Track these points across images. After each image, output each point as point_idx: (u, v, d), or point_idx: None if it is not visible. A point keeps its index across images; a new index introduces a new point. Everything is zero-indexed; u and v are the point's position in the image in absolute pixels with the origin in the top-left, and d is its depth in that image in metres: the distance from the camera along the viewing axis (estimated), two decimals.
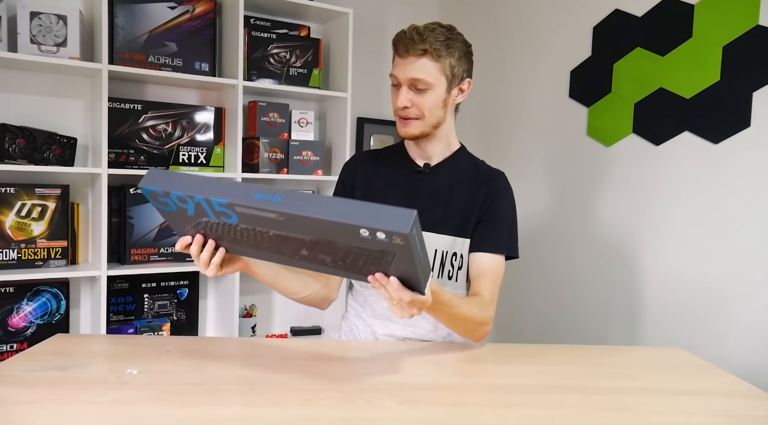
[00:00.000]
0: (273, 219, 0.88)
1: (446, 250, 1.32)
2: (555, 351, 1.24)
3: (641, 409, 0.92)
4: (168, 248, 2.22)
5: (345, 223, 0.82)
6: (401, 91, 1.26)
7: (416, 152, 1.39)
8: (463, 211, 1.33)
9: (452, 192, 1.34)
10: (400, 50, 1.25)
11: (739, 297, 1.72)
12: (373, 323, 1.36)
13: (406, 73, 1.24)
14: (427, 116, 1.28)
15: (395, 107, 1.28)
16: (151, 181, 0.92)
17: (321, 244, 0.90)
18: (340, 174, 1.46)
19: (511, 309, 2.51)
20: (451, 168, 1.37)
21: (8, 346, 2.00)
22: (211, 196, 0.89)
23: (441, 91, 1.27)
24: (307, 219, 0.84)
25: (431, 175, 1.36)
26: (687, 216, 1.85)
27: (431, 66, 1.24)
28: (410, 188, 1.36)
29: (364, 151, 1.49)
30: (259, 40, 2.38)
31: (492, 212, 1.34)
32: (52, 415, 0.83)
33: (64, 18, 1.98)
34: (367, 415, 0.86)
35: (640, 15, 1.99)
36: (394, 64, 1.28)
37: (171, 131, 2.24)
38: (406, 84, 1.25)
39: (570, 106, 2.25)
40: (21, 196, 1.99)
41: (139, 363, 1.05)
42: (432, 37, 1.23)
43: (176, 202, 0.94)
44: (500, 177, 1.40)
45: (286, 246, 0.94)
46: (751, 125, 1.69)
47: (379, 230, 0.81)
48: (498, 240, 1.33)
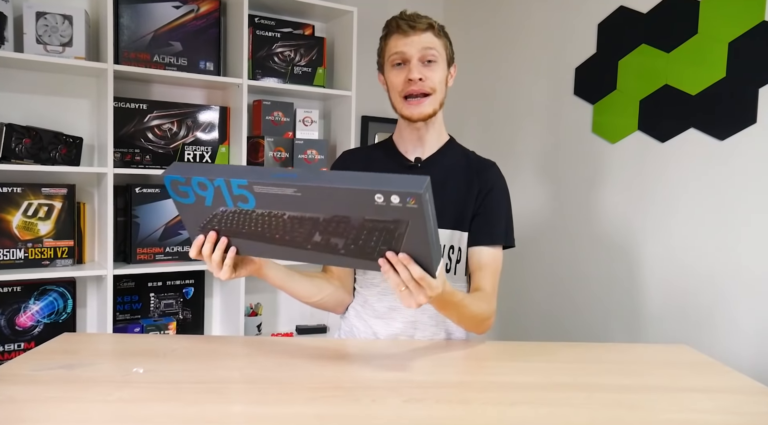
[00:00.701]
0: (290, 197, 0.90)
1: (444, 244, 1.32)
2: (560, 349, 1.24)
3: (647, 406, 0.92)
4: (174, 247, 2.23)
5: (360, 189, 0.85)
6: (413, 65, 1.27)
7: (408, 145, 1.38)
8: (458, 203, 1.33)
9: (446, 185, 1.33)
10: (403, 28, 1.27)
11: (746, 294, 1.71)
12: (375, 323, 1.35)
13: (417, 45, 1.26)
14: (437, 91, 1.29)
15: (404, 86, 1.28)
16: (173, 169, 0.97)
17: (335, 224, 0.92)
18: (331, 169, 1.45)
19: (515, 306, 2.51)
20: (443, 161, 1.37)
21: (16, 345, 2.01)
22: (231, 177, 0.92)
23: (444, 67, 1.31)
24: (323, 190, 0.87)
25: (423, 169, 1.36)
26: (693, 213, 1.85)
27: (436, 41, 1.28)
28: None
29: (354, 148, 1.49)
30: (263, 39, 2.38)
31: (487, 204, 1.34)
32: (59, 414, 0.84)
33: (70, 18, 1.99)
34: (372, 413, 0.86)
35: (645, 11, 1.98)
36: (397, 44, 1.28)
37: (176, 130, 2.25)
38: (417, 57, 1.26)
39: (575, 103, 2.24)
40: (27, 196, 2.00)
41: (146, 362, 1.06)
42: (426, 18, 1.28)
43: (196, 189, 0.97)
44: (492, 167, 1.40)
45: (300, 231, 0.96)
46: (758, 121, 1.68)
47: (393, 193, 0.83)
48: (496, 233, 1.34)
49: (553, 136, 2.34)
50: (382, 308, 1.35)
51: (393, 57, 1.29)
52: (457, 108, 2.88)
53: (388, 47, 1.31)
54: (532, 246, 2.44)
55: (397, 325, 1.34)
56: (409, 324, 1.33)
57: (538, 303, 2.41)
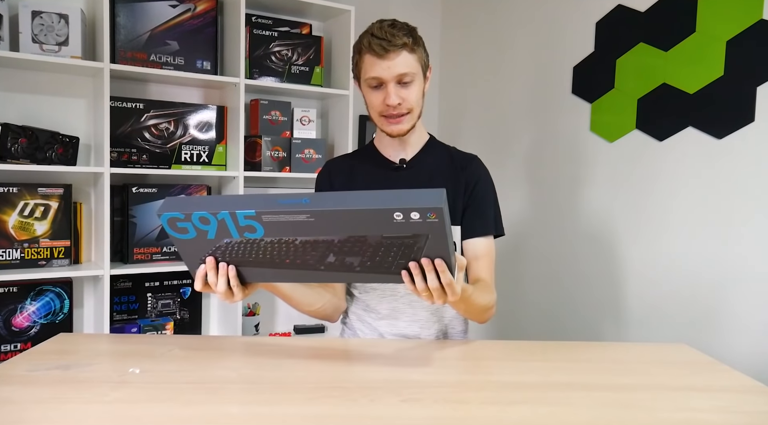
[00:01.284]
0: (302, 223, 0.88)
1: None
2: (558, 348, 1.24)
3: (646, 406, 0.91)
4: (171, 247, 2.22)
5: (378, 209, 0.84)
6: (390, 89, 1.26)
7: (390, 149, 1.39)
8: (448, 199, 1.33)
9: (433, 182, 1.36)
10: (377, 51, 1.24)
11: (744, 293, 1.71)
12: (379, 324, 1.37)
13: (392, 70, 1.25)
14: (414, 108, 1.30)
15: (382, 108, 1.28)
16: (169, 206, 0.92)
17: (350, 244, 0.91)
18: (315, 185, 1.46)
19: (513, 306, 2.51)
20: (427, 160, 1.39)
21: (12, 346, 2.00)
22: (237, 209, 0.89)
23: (421, 81, 1.31)
24: (339, 214, 0.86)
25: (409, 170, 1.38)
26: (691, 211, 1.85)
27: (411, 59, 1.26)
28: (391, 186, 1.36)
29: (336, 158, 1.49)
30: (260, 38, 2.37)
31: (476, 196, 1.37)
32: (54, 415, 0.83)
33: (66, 17, 1.98)
34: (370, 413, 0.86)
35: (643, 10, 1.98)
36: (371, 66, 1.26)
37: (173, 130, 2.24)
38: (393, 81, 1.26)
39: (573, 101, 2.24)
40: (24, 196, 1.99)
41: (142, 363, 1.05)
42: (400, 32, 1.25)
43: (197, 225, 0.93)
44: (475, 160, 1.43)
45: (312, 254, 0.94)
46: (755, 120, 1.68)
47: (413, 210, 0.83)
48: (487, 223, 1.38)
49: (551, 135, 2.34)
50: (384, 310, 1.36)
51: (369, 80, 1.28)
52: (455, 107, 2.88)
53: (364, 67, 1.28)
54: (529, 245, 2.44)
55: (402, 325, 1.35)
56: (413, 323, 1.35)
57: (536, 301, 2.41)
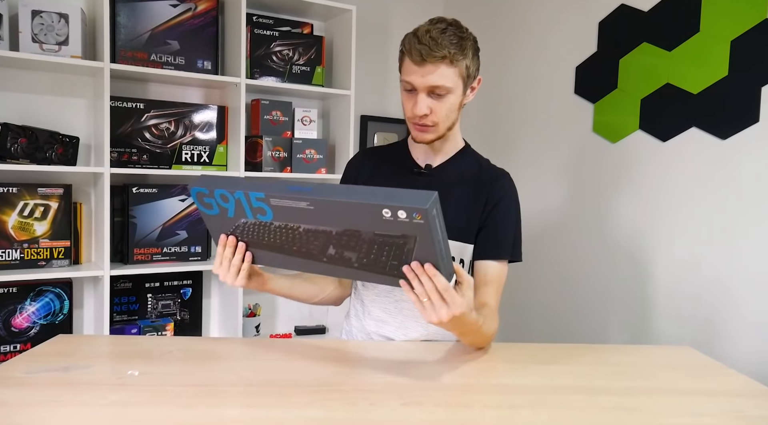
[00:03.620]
0: (304, 210, 0.93)
1: None
2: (562, 351, 1.23)
3: (651, 409, 0.90)
4: (171, 247, 2.21)
5: (367, 204, 0.87)
6: (419, 99, 1.20)
7: (420, 152, 1.36)
8: (462, 214, 1.29)
9: (452, 194, 1.29)
10: (415, 57, 1.18)
11: (749, 295, 1.69)
12: (368, 324, 1.35)
13: (425, 81, 1.18)
14: (441, 123, 1.24)
15: (412, 114, 1.23)
16: (199, 182, 1.02)
17: (346, 237, 0.94)
18: (345, 168, 1.45)
19: (517, 309, 2.50)
20: (453, 169, 1.33)
21: (12, 347, 1.99)
22: (250, 190, 0.96)
23: (458, 94, 1.23)
24: (334, 204, 0.90)
25: (431, 177, 1.32)
26: (695, 212, 1.83)
27: (449, 72, 1.19)
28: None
29: (370, 148, 1.48)
30: (261, 37, 2.36)
31: (495, 216, 1.29)
32: (51, 417, 0.82)
33: (66, 16, 1.97)
34: (370, 416, 0.85)
35: (647, 10, 1.97)
36: (408, 70, 1.20)
37: (174, 130, 2.24)
38: (425, 91, 1.20)
39: (576, 102, 2.23)
40: (23, 196, 1.98)
41: (141, 365, 1.04)
42: (446, 40, 1.18)
43: (219, 202, 1.02)
44: (503, 178, 1.34)
45: (315, 244, 0.98)
46: (760, 120, 1.67)
47: (400, 208, 0.85)
48: (502, 246, 1.29)
49: (553, 136, 2.33)
50: (375, 310, 1.34)
51: (404, 83, 1.23)
52: None
53: (403, 68, 1.22)
54: (533, 247, 2.43)
55: (390, 329, 1.33)
56: (401, 325, 1.33)
57: (540, 304, 2.40)
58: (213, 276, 2.47)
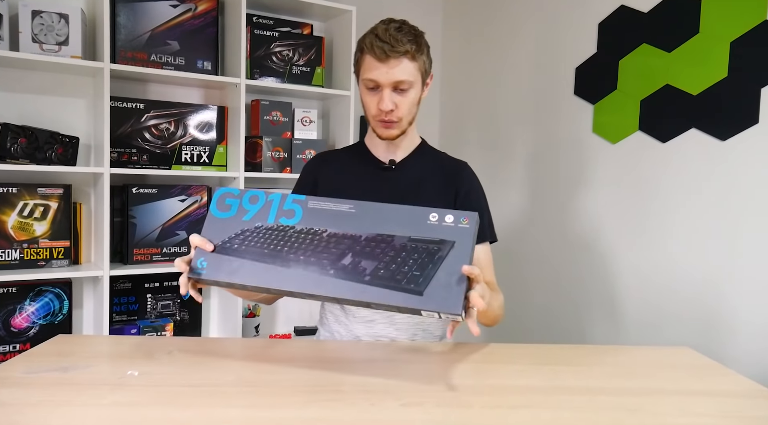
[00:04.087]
0: (343, 213, 0.98)
1: None
2: (560, 351, 1.23)
3: (649, 410, 0.91)
4: (171, 248, 2.21)
5: (416, 207, 0.96)
6: (384, 95, 1.25)
7: (380, 149, 1.39)
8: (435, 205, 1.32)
9: (420, 187, 1.36)
10: (378, 55, 1.23)
11: (748, 296, 1.70)
12: (356, 327, 1.36)
13: (390, 76, 1.24)
14: (405, 117, 1.30)
15: (376, 112, 1.28)
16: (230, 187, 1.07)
17: (374, 243, 0.96)
18: (302, 173, 1.45)
19: (515, 309, 2.50)
20: (416, 163, 1.39)
21: (11, 347, 1.99)
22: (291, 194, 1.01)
23: (418, 88, 1.30)
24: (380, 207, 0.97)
25: (397, 172, 1.37)
26: (694, 213, 1.83)
27: (411, 66, 1.25)
28: (377, 185, 1.36)
29: (327, 150, 1.49)
30: (261, 38, 2.36)
31: (471, 205, 1.38)
32: (51, 417, 0.82)
33: (66, 17, 1.98)
34: (370, 417, 0.85)
35: (646, 11, 1.97)
36: (371, 67, 1.25)
37: (173, 130, 2.24)
38: (390, 87, 1.25)
39: (575, 103, 2.23)
40: (23, 196, 1.98)
41: (141, 365, 1.04)
42: (405, 37, 1.23)
43: (243, 204, 1.03)
44: (466, 167, 1.43)
45: (332, 251, 0.98)
46: (759, 122, 1.67)
47: (448, 213, 0.94)
48: (485, 231, 1.39)
49: (553, 136, 2.33)
50: (361, 311, 1.35)
51: (366, 81, 1.27)
52: (457, 108, 2.87)
53: (363, 68, 1.27)
54: (532, 246, 2.43)
55: (378, 327, 1.35)
56: (388, 325, 1.35)
57: (538, 304, 2.40)
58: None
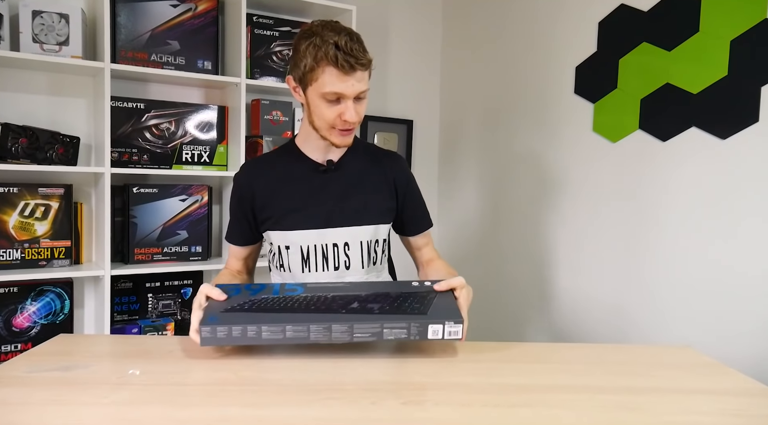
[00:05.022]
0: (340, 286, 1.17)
1: (370, 239, 1.40)
2: (561, 350, 1.23)
3: (650, 409, 0.90)
4: (172, 247, 2.22)
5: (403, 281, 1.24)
6: (349, 106, 1.26)
7: (316, 152, 1.40)
8: (378, 198, 1.42)
9: (362, 182, 1.40)
10: (345, 68, 1.22)
11: (749, 294, 1.70)
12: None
13: (356, 88, 1.25)
14: (359, 122, 1.33)
15: (340, 122, 1.29)
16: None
17: (375, 297, 1.12)
18: (233, 188, 1.44)
19: (514, 308, 2.50)
20: (353, 161, 1.42)
21: (12, 346, 2.00)
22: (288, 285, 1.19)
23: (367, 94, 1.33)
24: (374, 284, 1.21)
25: (336, 171, 1.39)
26: (694, 212, 1.83)
27: (366, 75, 1.28)
28: (320, 188, 1.38)
29: (253, 160, 1.47)
30: (261, 37, 2.36)
31: (412, 197, 1.48)
32: (53, 416, 0.82)
33: (66, 17, 1.98)
34: (371, 415, 0.85)
35: (646, 10, 1.97)
36: (334, 80, 1.23)
37: (174, 130, 2.24)
38: (352, 98, 1.26)
39: (575, 102, 2.23)
40: (24, 196, 1.98)
41: (142, 364, 1.05)
42: (361, 47, 1.25)
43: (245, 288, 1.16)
44: (400, 158, 1.50)
45: (339, 303, 1.10)
46: (760, 120, 1.67)
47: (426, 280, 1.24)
48: (426, 218, 1.53)
49: (553, 135, 2.33)
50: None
51: (328, 94, 1.25)
52: (456, 107, 2.87)
53: (323, 79, 1.24)
54: (532, 246, 2.43)
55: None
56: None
57: (538, 303, 2.40)
58: (214, 276, 2.47)
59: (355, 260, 1.39)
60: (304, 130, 1.40)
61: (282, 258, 1.39)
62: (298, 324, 1.03)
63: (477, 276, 2.71)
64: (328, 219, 1.37)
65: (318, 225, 1.36)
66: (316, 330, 1.03)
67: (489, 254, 2.66)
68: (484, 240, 2.69)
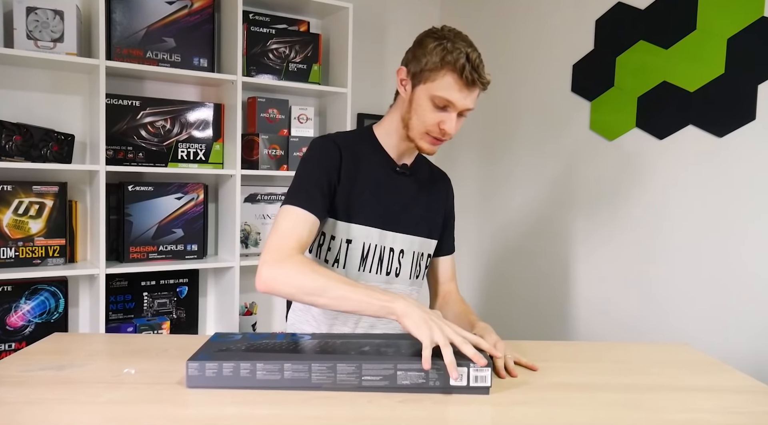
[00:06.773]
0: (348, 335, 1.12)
1: (421, 252, 1.38)
2: (559, 348, 1.23)
3: (648, 406, 0.90)
4: (167, 246, 2.21)
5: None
6: (451, 118, 1.22)
7: (396, 150, 1.34)
8: (435, 213, 1.41)
9: (425, 193, 1.39)
10: (468, 79, 1.19)
11: (746, 292, 1.70)
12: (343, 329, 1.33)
13: (467, 103, 1.22)
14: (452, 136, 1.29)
15: (435, 129, 1.23)
16: None
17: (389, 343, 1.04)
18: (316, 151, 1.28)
19: (512, 306, 2.50)
20: (420, 169, 1.42)
21: (6, 345, 1.98)
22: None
23: None
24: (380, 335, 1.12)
25: (410, 177, 1.38)
26: (691, 210, 1.84)
27: (476, 95, 1.25)
28: (394, 190, 1.33)
29: (336, 135, 1.34)
30: (258, 35, 2.35)
31: (451, 215, 1.47)
32: (48, 415, 0.82)
33: (61, 13, 1.96)
34: (368, 414, 0.85)
35: (644, 8, 1.97)
36: (453, 88, 1.20)
37: (169, 128, 2.23)
38: (459, 111, 1.23)
39: (572, 100, 2.23)
40: (18, 194, 1.97)
41: (137, 363, 1.04)
42: (483, 66, 1.23)
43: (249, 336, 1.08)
44: (446, 176, 1.50)
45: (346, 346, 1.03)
46: (756, 118, 1.67)
47: None
48: (453, 242, 1.50)
49: (550, 134, 2.33)
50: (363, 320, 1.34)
51: (438, 99, 1.21)
52: None
53: (442, 84, 1.20)
54: (529, 244, 2.43)
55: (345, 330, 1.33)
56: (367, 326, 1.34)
57: (537, 301, 2.40)
58: (209, 275, 2.46)
59: (405, 269, 1.35)
60: (390, 124, 1.33)
61: (340, 253, 1.29)
62: (298, 362, 0.93)
63: (469, 273, 2.71)
64: (392, 221, 1.31)
65: (381, 225, 1.30)
66: (319, 370, 0.93)
67: (481, 252, 2.66)
68: (477, 237, 2.69)
